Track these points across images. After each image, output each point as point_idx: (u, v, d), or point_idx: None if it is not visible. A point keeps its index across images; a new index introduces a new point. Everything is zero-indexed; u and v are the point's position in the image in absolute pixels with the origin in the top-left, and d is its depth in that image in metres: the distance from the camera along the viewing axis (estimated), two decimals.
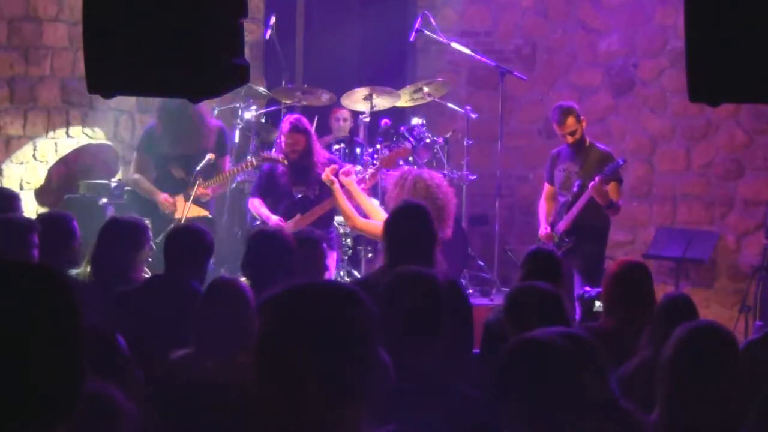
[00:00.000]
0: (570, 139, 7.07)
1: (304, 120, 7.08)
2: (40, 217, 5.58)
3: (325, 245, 5.23)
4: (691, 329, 3.07)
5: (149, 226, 5.38)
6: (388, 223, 4.57)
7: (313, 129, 7.23)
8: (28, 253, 4.84)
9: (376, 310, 2.10)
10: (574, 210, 6.98)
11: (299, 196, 7.00)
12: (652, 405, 3.04)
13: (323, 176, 6.55)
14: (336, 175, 6.45)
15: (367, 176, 6.90)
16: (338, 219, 8.03)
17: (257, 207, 7.07)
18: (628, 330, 4.23)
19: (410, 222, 4.49)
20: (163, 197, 7.11)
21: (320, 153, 7.09)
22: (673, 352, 3.01)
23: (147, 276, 5.19)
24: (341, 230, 7.79)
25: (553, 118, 7.21)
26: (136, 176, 7.27)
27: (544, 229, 7.18)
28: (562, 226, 7.03)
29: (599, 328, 4.46)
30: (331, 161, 7.08)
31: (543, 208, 7.36)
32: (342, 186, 6.35)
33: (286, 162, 6.98)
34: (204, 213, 7.13)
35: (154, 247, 5.35)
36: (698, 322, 3.24)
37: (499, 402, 2.54)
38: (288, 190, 7.01)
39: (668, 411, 2.97)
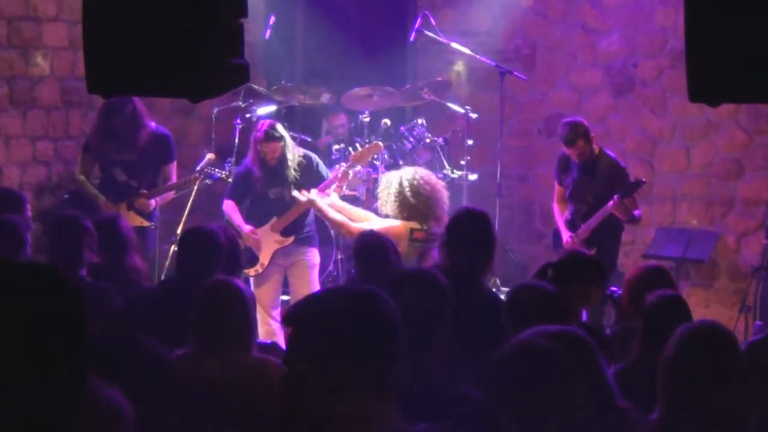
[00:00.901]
0: (577, 159, 7.04)
1: (279, 126, 7.04)
2: (55, 219, 5.54)
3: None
4: (691, 329, 3.07)
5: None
6: (449, 229, 4.59)
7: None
8: (22, 253, 4.84)
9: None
10: (593, 222, 6.96)
11: (274, 197, 6.99)
12: (647, 403, 3.04)
13: (299, 198, 6.71)
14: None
15: (339, 174, 6.93)
16: None
17: (230, 212, 7.07)
18: None
19: (471, 229, 4.51)
20: (105, 202, 6.99)
21: (295, 153, 7.07)
22: (673, 352, 3.01)
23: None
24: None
25: (560, 134, 7.10)
26: (81, 177, 7.15)
27: (568, 237, 7.14)
28: (581, 234, 7.02)
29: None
30: (306, 158, 7.07)
31: (558, 212, 7.34)
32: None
33: (230, 180, 7.00)
34: (145, 224, 6.97)
35: None
36: (698, 322, 3.23)
37: (495, 404, 2.55)
38: (263, 192, 6.99)
39: (669, 410, 2.96)
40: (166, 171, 7.14)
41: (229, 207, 7.08)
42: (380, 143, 7.49)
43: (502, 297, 4.91)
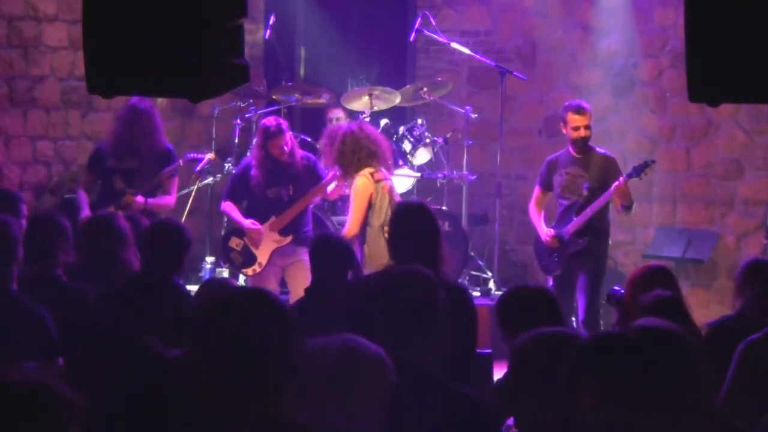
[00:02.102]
0: (583, 133, 6.95)
1: (282, 120, 7.13)
2: (31, 218, 5.57)
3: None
4: (636, 329, 3.01)
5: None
6: (392, 223, 4.57)
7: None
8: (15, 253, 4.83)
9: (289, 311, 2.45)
10: (589, 211, 6.93)
11: (273, 197, 6.99)
12: None
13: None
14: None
15: (338, 173, 7.02)
16: (336, 219, 8.05)
17: (230, 211, 7.07)
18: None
19: (413, 221, 4.48)
20: (84, 214, 6.85)
21: (298, 150, 7.12)
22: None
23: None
24: (340, 230, 7.80)
25: (569, 109, 7.00)
26: (80, 192, 7.06)
27: (547, 233, 7.10)
28: (572, 227, 6.98)
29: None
30: (306, 158, 7.10)
31: (535, 211, 7.29)
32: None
33: (213, 158, 6.95)
34: None
35: None
36: (644, 321, 3.14)
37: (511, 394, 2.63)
38: (262, 192, 6.98)
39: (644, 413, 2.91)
40: (168, 185, 7.04)
41: (228, 207, 7.08)
42: None
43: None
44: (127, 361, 2.95)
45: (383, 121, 8.44)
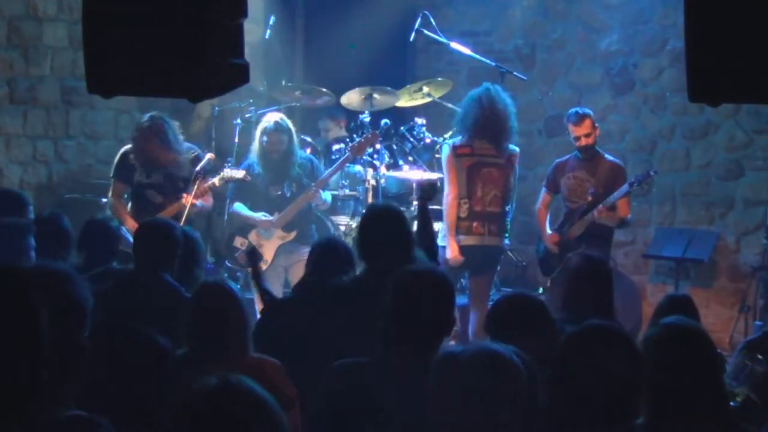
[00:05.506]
0: (584, 142, 6.99)
1: (287, 120, 7.09)
2: (34, 218, 5.62)
3: None
4: (663, 331, 2.98)
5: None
6: (363, 229, 4.50)
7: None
8: (24, 256, 4.86)
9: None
10: (589, 218, 6.94)
11: (277, 193, 7.03)
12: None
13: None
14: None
15: (339, 164, 7.10)
16: (337, 220, 8.05)
17: (240, 210, 7.10)
18: None
19: (386, 227, 4.41)
20: (130, 225, 6.69)
21: (296, 152, 7.13)
22: (649, 357, 2.93)
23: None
24: (342, 229, 7.81)
25: (569, 120, 7.09)
26: (112, 200, 6.93)
27: (550, 237, 7.12)
28: (573, 231, 7.00)
29: None
30: (309, 160, 7.13)
31: (543, 213, 7.34)
32: None
33: (248, 179, 6.90)
34: None
35: None
36: (670, 323, 3.10)
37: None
38: (265, 190, 7.03)
39: (654, 415, 2.90)
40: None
41: (237, 208, 7.13)
42: (377, 133, 7.55)
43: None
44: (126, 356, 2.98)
45: (383, 121, 8.45)
